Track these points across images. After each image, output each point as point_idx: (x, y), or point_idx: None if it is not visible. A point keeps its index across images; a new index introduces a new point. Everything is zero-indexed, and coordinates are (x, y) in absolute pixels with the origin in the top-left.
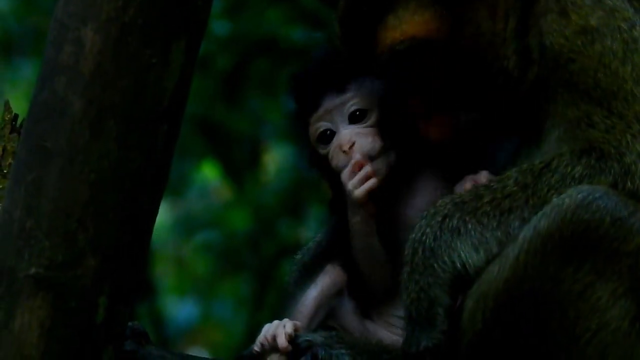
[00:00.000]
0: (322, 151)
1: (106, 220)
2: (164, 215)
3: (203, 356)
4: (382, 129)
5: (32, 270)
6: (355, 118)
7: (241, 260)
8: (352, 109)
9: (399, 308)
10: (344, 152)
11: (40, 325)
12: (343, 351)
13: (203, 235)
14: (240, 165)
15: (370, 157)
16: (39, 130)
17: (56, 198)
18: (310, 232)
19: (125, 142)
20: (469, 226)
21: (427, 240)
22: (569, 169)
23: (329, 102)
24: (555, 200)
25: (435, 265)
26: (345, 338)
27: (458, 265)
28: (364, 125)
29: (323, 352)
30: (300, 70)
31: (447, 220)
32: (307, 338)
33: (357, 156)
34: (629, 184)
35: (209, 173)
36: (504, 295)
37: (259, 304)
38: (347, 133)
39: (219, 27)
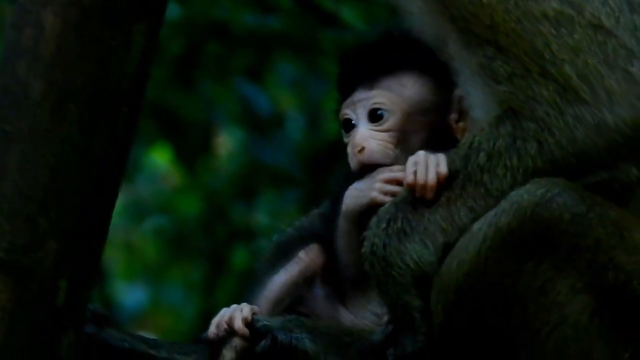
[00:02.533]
0: (345, 138)
1: (67, 204)
2: None
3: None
4: (402, 134)
5: None
6: (374, 117)
7: (192, 245)
8: (373, 107)
9: (372, 301)
10: (355, 153)
11: (1, 309)
12: (303, 335)
13: (153, 220)
14: (192, 150)
15: (380, 163)
16: None
17: (17, 182)
18: (262, 217)
19: (86, 125)
20: (413, 224)
21: (378, 251)
22: (491, 144)
23: (358, 94)
24: (513, 195)
25: (394, 273)
26: (305, 322)
27: (412, 266)
28: (380, 127)
29: (283, 336)
30: (352, 49)
31: (392, 223)
32: (266, 322)
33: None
34: (550, 138)
35: (159, 158)
36: (464, 288)
37: (210, 289)
38: (361, 134)
39: (169, 11)
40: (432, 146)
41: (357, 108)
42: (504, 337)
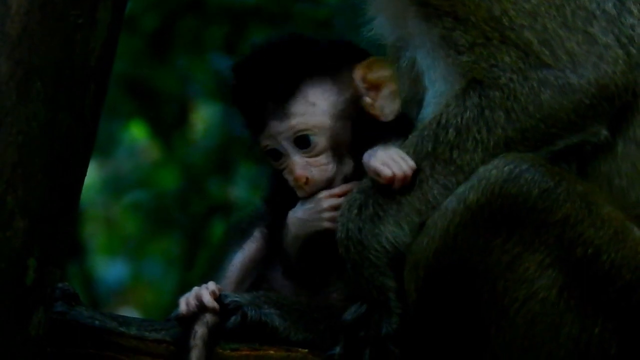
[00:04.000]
0: (274, 165)
1: (35, 182)
2: (93, 175)
3: (133, 316)
4: (334, 148)
5: None
6: (302, 143)
7: (171, 219)
8: (297, 135)
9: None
10: (301, 186)
11: None
12: (272, 311)
13: (132, 195)
14: (169, 124)
15: (327, 185)
16: None
17: None
18: (240, 190)
19: (53, 103)
20: (385, 207)
21: (354, 236)
22: (459, 119)
23: (274, 126)
24: (481, 171)
25: (370, 256)
26: (273, 297)
27: (388, 248)
28: (312, 153)
29: (252, 313)
30: (238, 70)
31: (363, 209)
32: (235, 298)
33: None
34: (516, 105)
35: (137, 132)
36: (434, 266)
37: (189, 263)
38: (300, 166)
39: None
40: (363, 136)
41: (279, 140)
42: (474, 314)
